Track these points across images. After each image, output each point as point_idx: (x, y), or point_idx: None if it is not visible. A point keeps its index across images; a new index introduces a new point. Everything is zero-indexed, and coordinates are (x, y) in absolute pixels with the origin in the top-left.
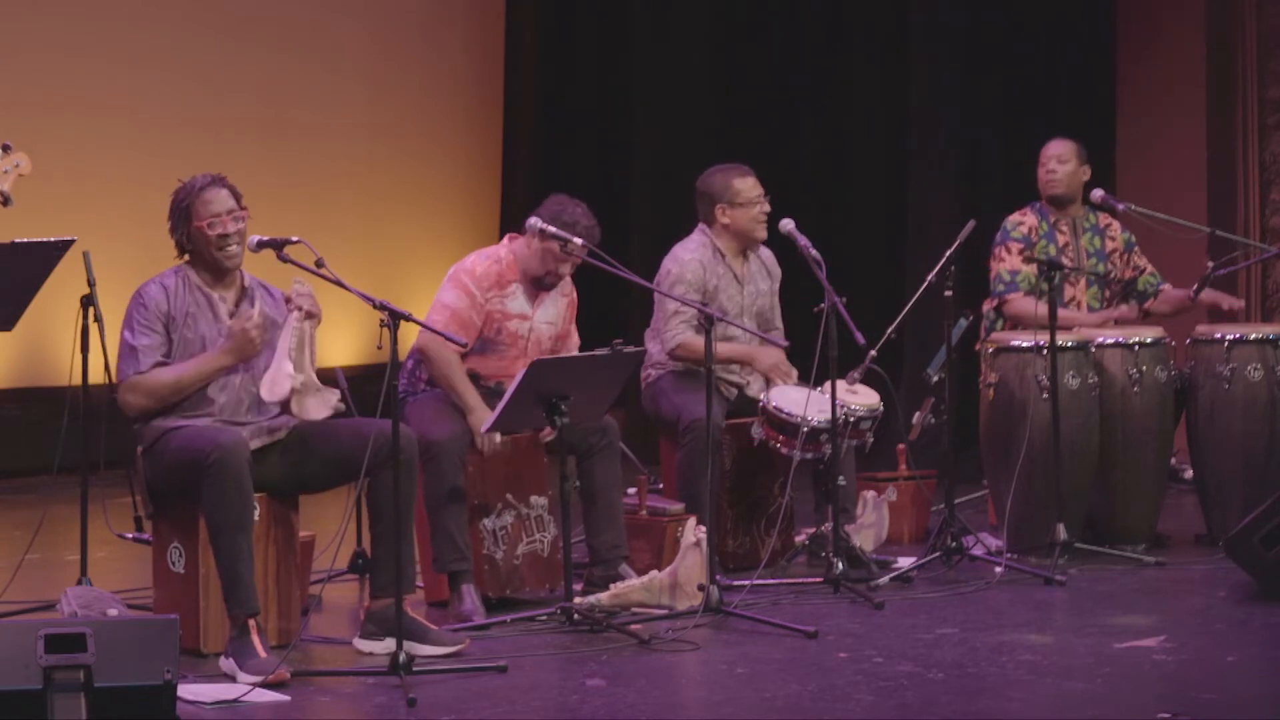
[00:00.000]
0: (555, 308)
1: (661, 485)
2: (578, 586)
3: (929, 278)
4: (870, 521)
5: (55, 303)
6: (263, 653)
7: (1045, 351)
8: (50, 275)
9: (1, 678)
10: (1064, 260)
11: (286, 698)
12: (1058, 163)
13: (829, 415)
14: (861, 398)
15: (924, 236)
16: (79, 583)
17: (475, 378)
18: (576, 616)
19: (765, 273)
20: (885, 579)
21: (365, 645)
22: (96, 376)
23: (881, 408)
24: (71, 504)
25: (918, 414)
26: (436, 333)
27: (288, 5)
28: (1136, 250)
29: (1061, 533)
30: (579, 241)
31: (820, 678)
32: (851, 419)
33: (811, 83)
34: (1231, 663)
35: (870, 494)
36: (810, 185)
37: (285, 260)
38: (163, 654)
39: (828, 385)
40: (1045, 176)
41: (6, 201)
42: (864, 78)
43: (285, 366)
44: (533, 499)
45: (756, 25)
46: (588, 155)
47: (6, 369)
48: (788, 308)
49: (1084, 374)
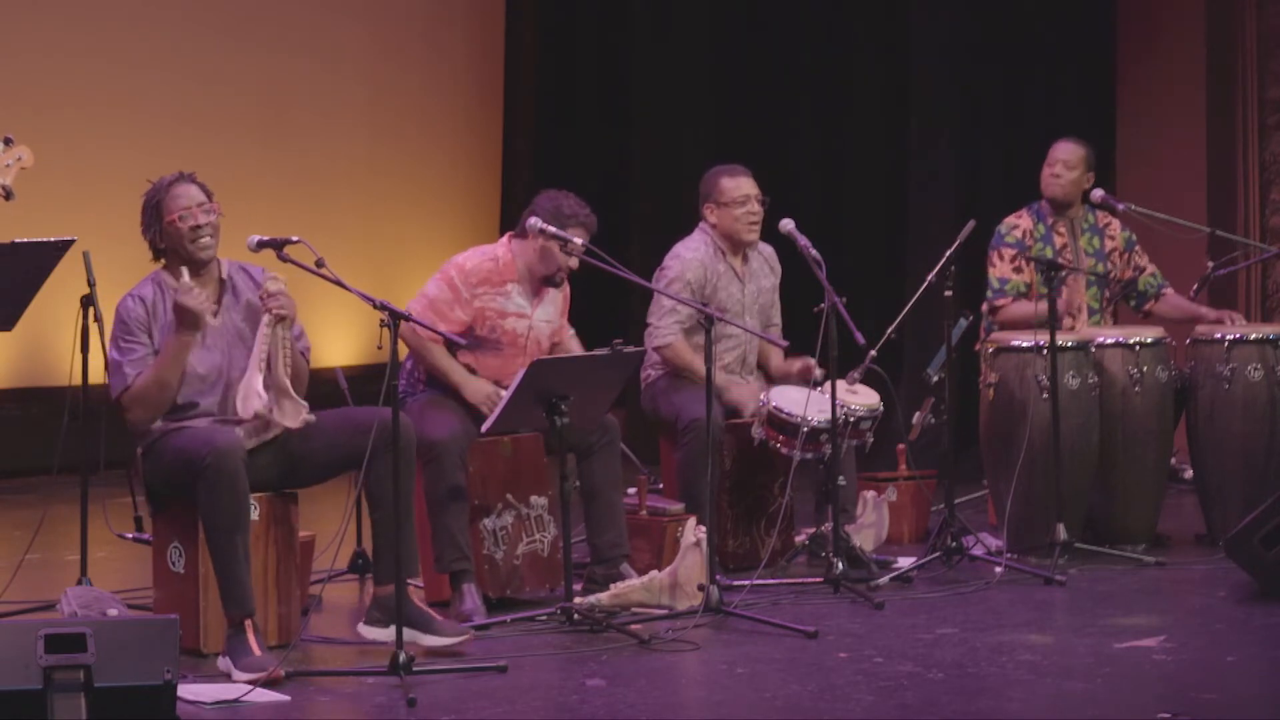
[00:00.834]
0: (554, 307)
1: (661, 485)
2: (578, 586)
3: (929, 278)
4: (870, 521)
5: (55, 303)
6: (258, 652)
7: (1045, 351)
8: (50, 275)
9: (1, 678)
10: (1061, 262)
11: (286, 698)
12: (1064, 167)
13: (829, 415)
14: (861, 398)
15: (924, 236)
16: (79, 583)
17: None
18: (576, 616)
19: (767, 270)
20: (885, 579)
21: (370, 632)
22: (96, 376)
23: (881, 408)
24: (71, 504)
25: (918, 414)
26: (436, 331)
27: (288, 5)
28: (1137, 249)
29: (1061, 533)
30: (579, 242)
31: (820, 678)
32: (851, 419)
33: (811, 83)
34: (1231, 663)
35: (870, 494)
36: (810, 185)
37: (285, 260)
38: (163, 654)
39: (828, 385)
40: (1049, 177)
41: (8, 195)
42: (864, 78)
43: (256, 382)
44: (533, 499)
45: (757, 25)
46: (588, 155)
47: (6, 369)
48: (788, 308)
49: (1084, 374)
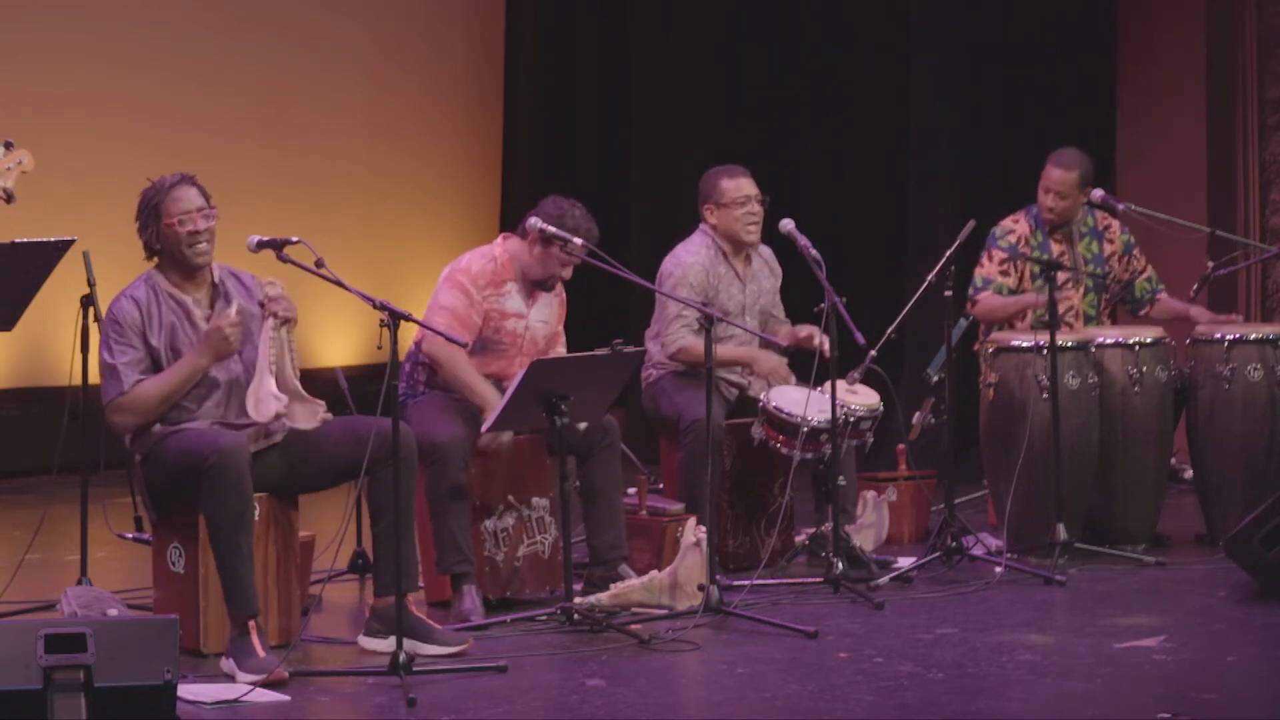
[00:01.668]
0: (550, 307)
1: (661, 485)
2: (578, 586)
3: (929, 278)
4: (870, 521)
5: (55, 303)
6: (262, 653)
7: (1045, 351)
8: (50, 275)
9: (1, 678)
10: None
11: (286, 698)
12: (1057, 199)
13: (829, 415)
14: (861, 398)
15: (924, 236)
16: (79, 583)
17: None
18: (576, 616)
19: (767, 270)
20: (885, 579)
21: (370, 643)
22: (96, 377)
23: (881, 408)
24: (71, 504)
25: (918, 414)
26: (438, 333)
27: (288, 5)
28: (1135, 253)
29: (1061, 533)
30: (579, 242)
31: (820, 678)
32: (851, 419)
33: (811, 83)
34: (1231, 663)
35: (870, 494)
36: (810, 185)
37: (285, 260)
38: (163, 654)
39: (828, 385)
40: (1044, 207)
41: (10, 198)
42: (864, 78)
43: (268, 384)
44: (534, 500)
45: (757, 25)
46: (588, 155)
47: (6, 369)
48: (788, 308)
49: (1084, 374)
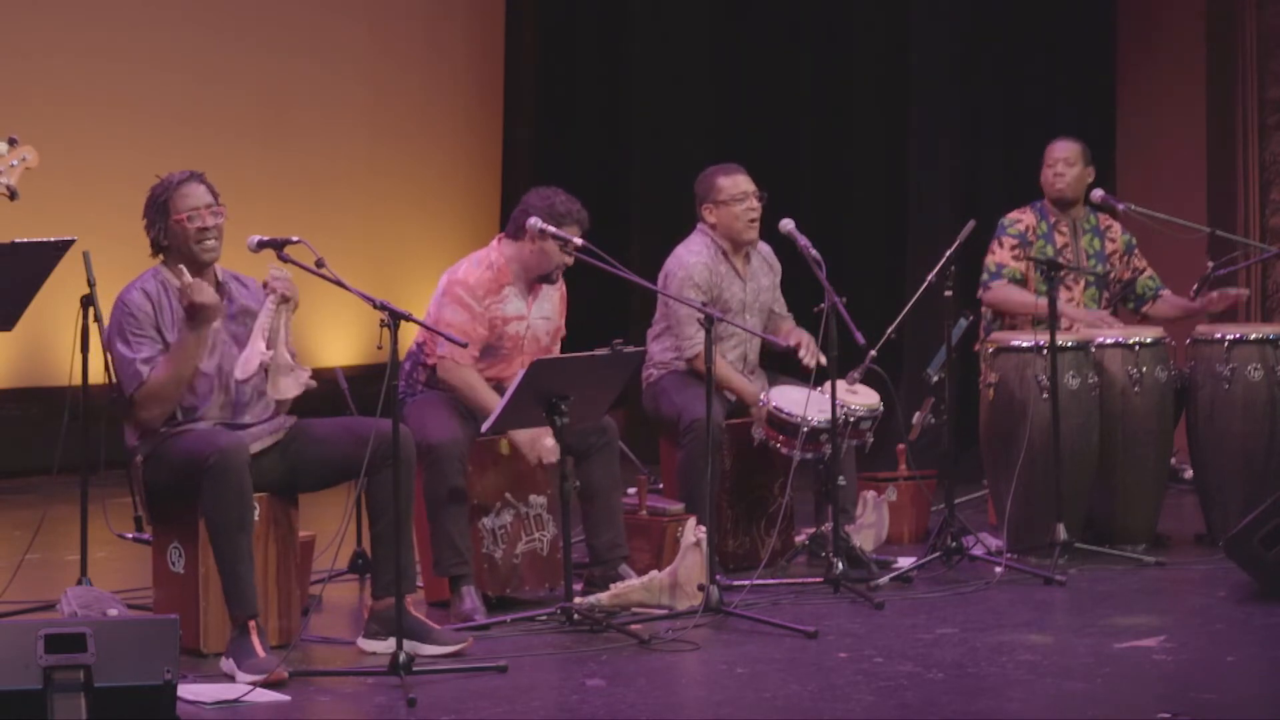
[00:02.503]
0: (550, 303)
1: (661, 485)
2: (578, 586)
3: (929, 278)
4: (870, 521)
5: (55, 303)
6: (262, 653)
7: (1045, 351)
8: (50, 275)
9: (1, 678)
10: (1062, 261)
11: (286, 698)
12: (1065, 165)
13: (829, 415)
14: (861, 398)
15: (924, 236)
16: (79, 583)
17: None
18: (576, 616)
19: (766, 268)
20: (885, 579)
21: (369, 645)
22: (96, 376)
23: (881, 408)
24: (71, 504)
25: (918, 414)
26: (439, 333)
27: (288, 5)
28: (1136, 253)
29: (1061, 533)
30: (579, 242)
31: (820, 678)
32: (851, 419)
33: (811, 83)
34: (1231, 663)
35: (870, 494)
36: (810, 185)
37: (285, 260)
38: (163, 654)
39: (828, 385)
40: (1051, 178)
41: (13, 195)
42: (864, 77)
43: (258, 345)
44: (531, 498)
45: (757, 25)
46: (588, 155)
47: (6, 369)
48: (788, 308)
49: (1084, 374)
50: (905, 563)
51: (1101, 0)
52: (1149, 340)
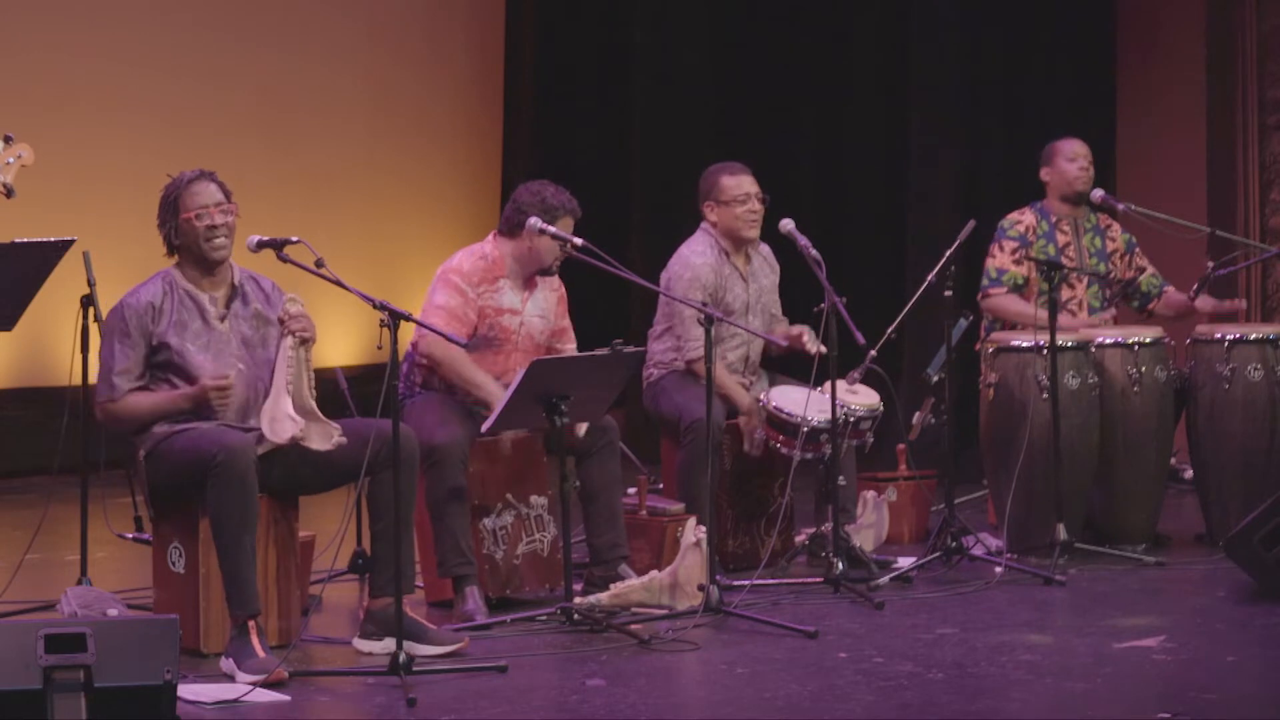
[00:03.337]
0: (545, 301)
1: (661, 485)
2: (578, 586)
3: (929, 278)
4: (870, 521)
5: (55, 303)
6: (262, 653)
7: (1045, 351)
8: (50, 275)
9: (1, 678)
10: (1064, 260)
11: (286, 698)
12: (1087, 160)
13: (829, 415)
14: (861, 398)
15: (924, 236)
16: (79, 583)
17: None
18: (576, 616)
19: (767, 268)
20: (885, 579)
21: (365, 645)
22: (96, 377)
23: (881, 408)
24: (71, 504)
25: (918, 414)
26: (439, 333)
27: (288, 5)
28: (1137, 251)
29: (1061, 533)
30: (579, 241)
31: (820, 678)
32: (851, 419)
33: (812, 82)
34: (1231, 663)
35: (870, 494)
36: (810, 185)
37: (285, 260)
38: (163, 654)
39: (828, 385)
40: (1076, 173)
41: (9, 193)
42: (864, 77)
43: (284, 405)
44: (532, 499)
45: (757, 25)
46: (588, 155)
47: (6, 369)
48: (788, 308)
49: (1084, 374)
50: (905, 563)
51: (1101, 0)
52: (1149, 340)
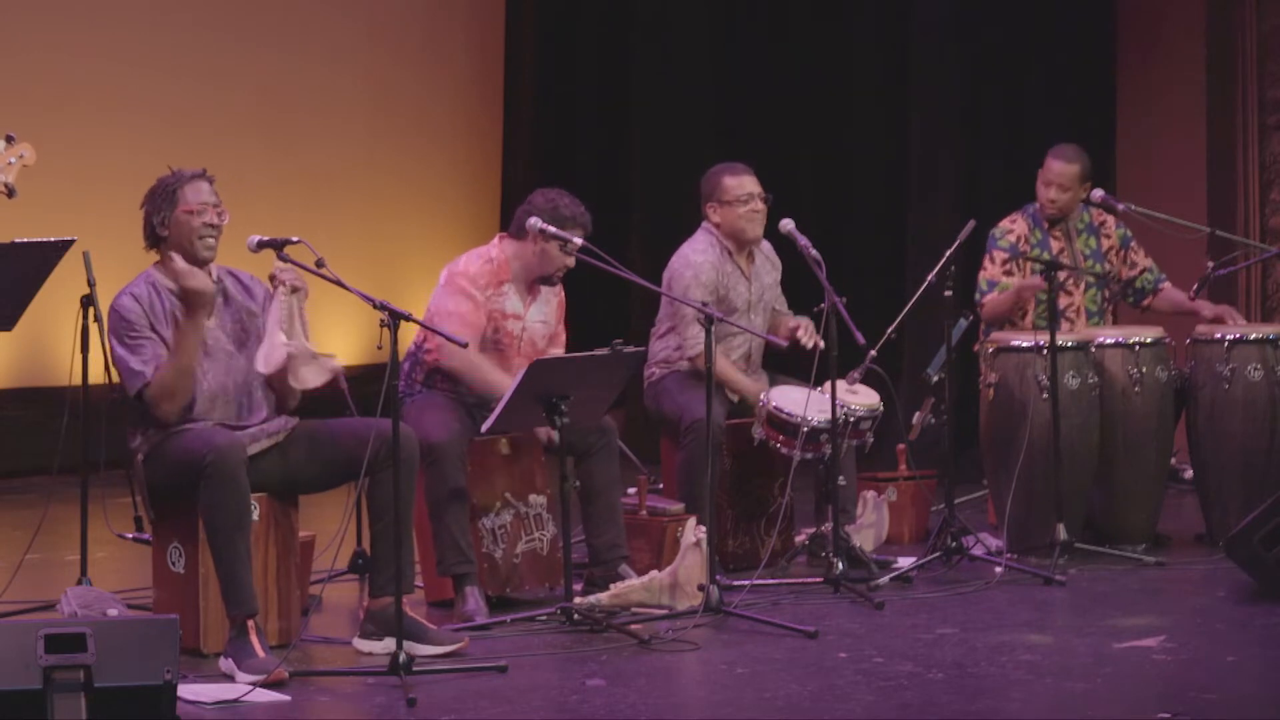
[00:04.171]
0: (548, 306)
1: (661, 485)
2: (578, 586)
3: (929, 278)
4: (870, 521)
5: (55, 303)
6: (261, 653)
7: (1045, 351)
8: (50, 275)
9: (1, 678)
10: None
11: (286, 698)
12: (1059, 190)
13: (829, 415)
14: (861, 398)
15: (924, 236)
16: (79, 583)
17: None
18: (576, 616)
19: (769, 267)
20: (885, 579)
21: (364, 645)
22: (96, 376)
23: (881, 408)
24: (71, 504)
25: (918, 414)
26: (439, 333)
27: (288, 5)
28: (1133, 245)
29: (1061, 533)
30: (579, 241)
31: (820, 678)
32: (851, 419)
33: (811, 82)
34: (1231, 663)
35: (870, 494)
36: (810, 185)
37: (285, 260)
38: (163, 654)
39: (828, 385)
40: (1045, 200)
41: (11, 193)
42: (864, 78)
43: (277, 338)
44: (531, 498)
45: (757, 25)
46: (588, 155)
47: (6, 369)
48: (788, 308)
49: (1084, 374)
50: (905, 563)
51: (1101, 0)
52: (1149, 340)
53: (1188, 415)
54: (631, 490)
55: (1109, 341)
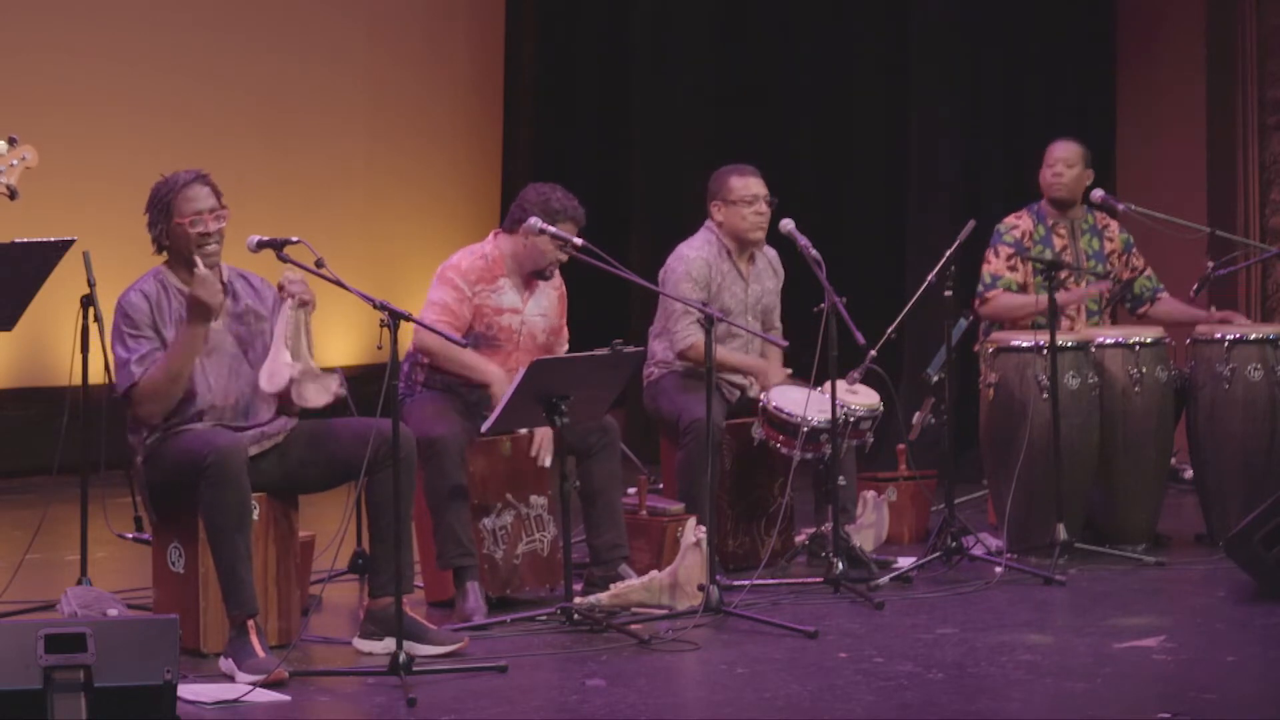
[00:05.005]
0: (546, 299)
1: (661, 485)
2: (578, 586)
3: (929, 278)
4: (870, 521)
5: (55, 303)
6: (261, 653)
7: (1045, 351)
8: (50, 275)
9: (1, 678)
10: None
11: (286, 698)
12: (1065, 166)
13: (829, 415)
14: (861, 398)
15: (924, 236)
16: (79, 583)
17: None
18: (576, 616)
19: (771, 272)
20: (885, 579)
21: (365, 645)
22: (96, 376)
23: (881, 408)
24: (71, 504)
25: (918, 414)
26: (439, 334)
27: (288, 5)
28: (1134, 251)
29: (1061, 533)
30: (579, 242)
31: (820, 678)
32: (851, 419)
33: (812, 84)
34: (1231, 663)
35: (870, 494)
36: (810, 185)
37: (285, 260)
38: (163, 654)
39: (828, 385)
40: (1051, 179)
41: (13, 195)
42: (864, 77)
43: (283, 355)
44: (532, 498)
45: (757, 26)
46: (588, 155)
47: (6, 369)
48: (788, 308)
49: (1084, 374)
50: (905, 563)
51: (1101, 1)
52: (1149, 340)
53: (1188, 415)
54: (631, 490)
55: (1109, 341)
